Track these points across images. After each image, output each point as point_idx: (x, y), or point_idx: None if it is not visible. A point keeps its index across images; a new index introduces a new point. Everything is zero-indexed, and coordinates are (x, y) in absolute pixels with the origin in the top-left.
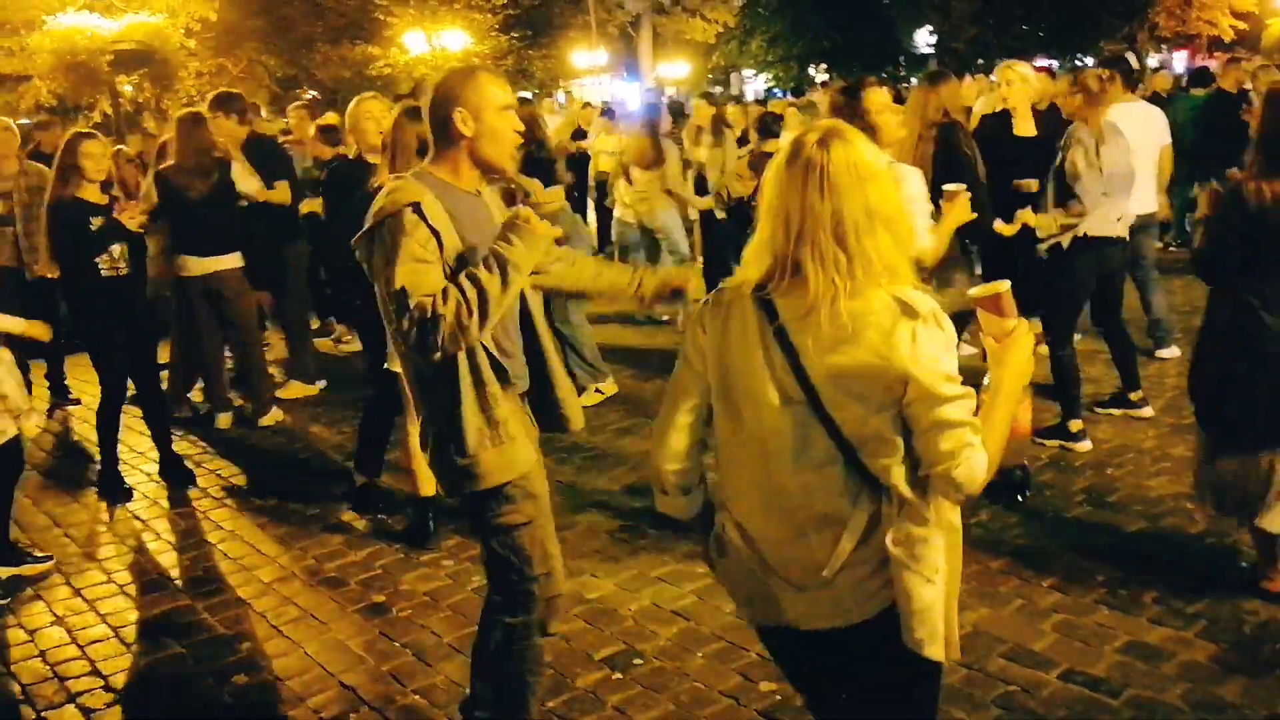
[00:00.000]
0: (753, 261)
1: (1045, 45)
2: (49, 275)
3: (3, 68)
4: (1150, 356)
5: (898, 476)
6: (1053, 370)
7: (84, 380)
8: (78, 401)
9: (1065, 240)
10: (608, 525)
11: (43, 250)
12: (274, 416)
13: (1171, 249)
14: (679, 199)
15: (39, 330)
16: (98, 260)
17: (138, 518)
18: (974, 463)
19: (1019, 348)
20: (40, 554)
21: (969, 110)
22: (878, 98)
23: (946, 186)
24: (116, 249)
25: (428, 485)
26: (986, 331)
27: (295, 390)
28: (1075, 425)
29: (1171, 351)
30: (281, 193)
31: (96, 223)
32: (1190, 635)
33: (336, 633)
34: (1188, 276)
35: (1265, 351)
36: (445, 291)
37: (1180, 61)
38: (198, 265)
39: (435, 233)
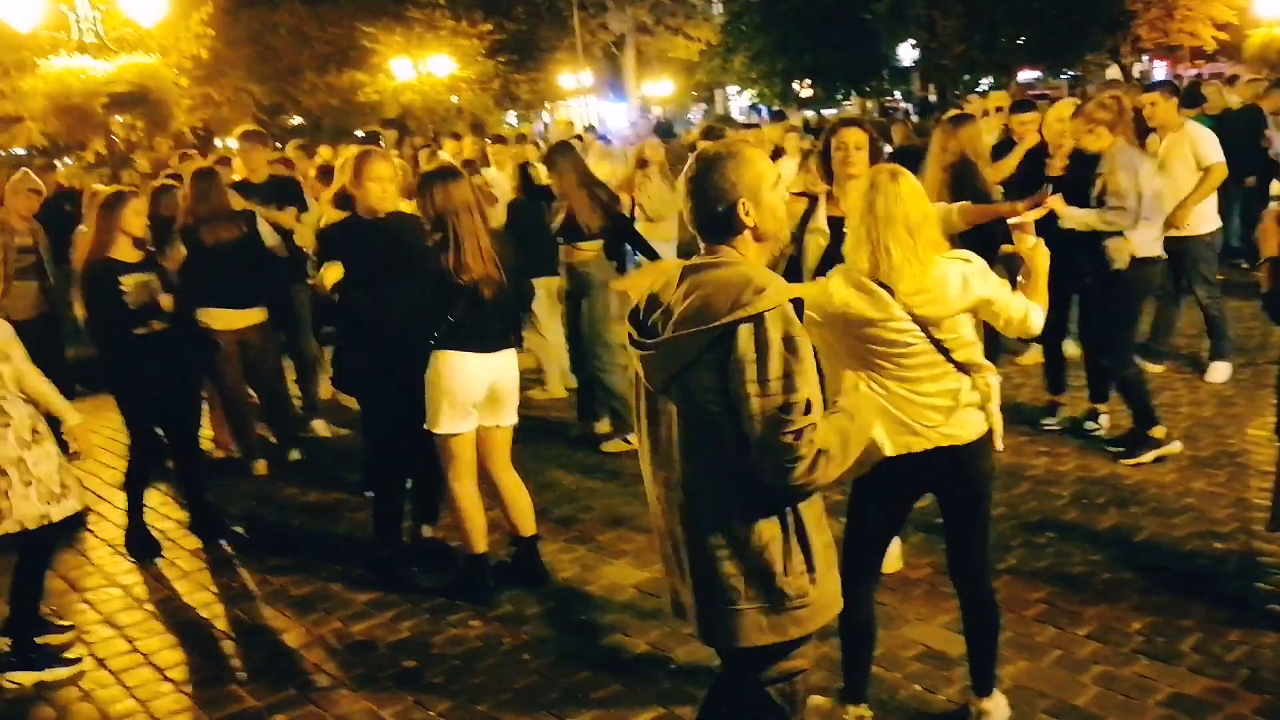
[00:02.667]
0: (856, 251)
1: (1031, 58)
2: None
3: None
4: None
5: (977, 356)
6: (1120, 389)
7: (91, 430)
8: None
9: (1123, 262)
10: (635, 579)
11: None
12: (294, 455)
13: None
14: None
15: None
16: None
17: (157, 579)
18: (1035, 317)
19: (1040, 257)
20: (62, 622)
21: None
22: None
23: (1012, 221)
24: (167, 298)
25: (480, 541)
26: (1020, 244)
27: (321, 429)
28: (1158, 431)
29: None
30: (288, 217)
31: (128, 283)
32: (1233, 686)
33: (369, 702)
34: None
35: None
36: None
37: (1160, 71)
38: (230, 319)
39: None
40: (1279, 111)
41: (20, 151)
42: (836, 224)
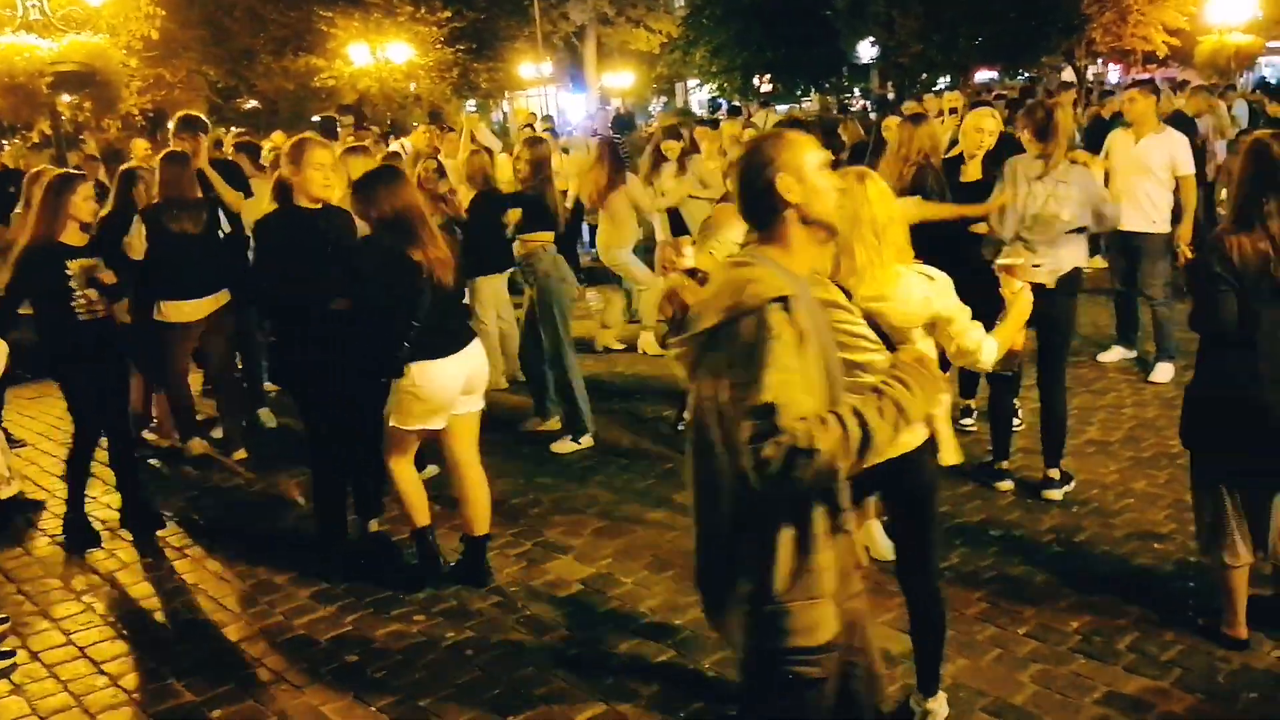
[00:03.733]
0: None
1: (988, 59)
2: None
3: None
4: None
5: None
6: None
7: (29, 416)
8: (23, 443)
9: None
10: (580, 574)
11: None
12: (240, 454)
13: None
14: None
15: None
16: (74, 303)
17: (94, 571)
18: (988, 350)
19: (1021, 302)
20: None
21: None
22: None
23: (1001, 262)
24: (93, 291)
25: (424, 515)
26: (1006, 286)
27: (267, 417)
28: (1000, 465)
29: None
30: (239, 198)
31: (74, 267)
32: (1167, 685)
33: (310, 697)
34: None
35: (1260, 395)
36: (825, 420)
37: (1114, 74)
38: (193, 310)
39: (802, 336)
40: (1200, 114)
41: None
42: None
